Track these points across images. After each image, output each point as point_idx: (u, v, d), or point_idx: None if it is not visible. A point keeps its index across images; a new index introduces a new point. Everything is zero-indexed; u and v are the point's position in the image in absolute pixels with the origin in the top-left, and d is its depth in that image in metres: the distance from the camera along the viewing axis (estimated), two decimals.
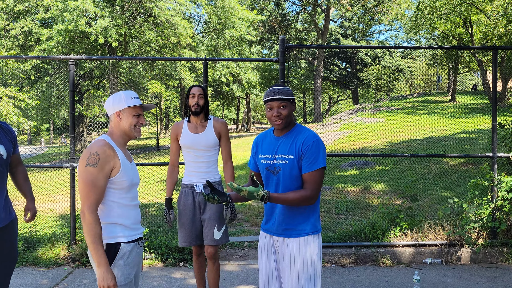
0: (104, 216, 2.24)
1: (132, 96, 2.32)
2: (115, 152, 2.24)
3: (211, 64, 23.64)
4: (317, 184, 2.41)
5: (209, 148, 3.52)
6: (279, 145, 2.51)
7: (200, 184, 3.52)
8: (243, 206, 8.23)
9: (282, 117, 2.44)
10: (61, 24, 17.41)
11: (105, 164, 2.17)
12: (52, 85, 20.28)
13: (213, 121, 3.60)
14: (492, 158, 5.23)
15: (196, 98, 3.50)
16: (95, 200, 2.15)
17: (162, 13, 18.75)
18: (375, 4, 31.03)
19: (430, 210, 6.42)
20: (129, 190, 2.30)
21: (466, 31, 21.95)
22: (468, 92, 27.09)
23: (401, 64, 35.91)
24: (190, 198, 3.53)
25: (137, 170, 2.45)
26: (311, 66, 37.40)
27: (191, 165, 3.55)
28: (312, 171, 2.40)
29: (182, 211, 3.54)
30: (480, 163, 8.90)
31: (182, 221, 3.55)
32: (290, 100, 2.47)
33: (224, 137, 3.61)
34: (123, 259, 2.23)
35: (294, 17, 34.47)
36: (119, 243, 2.23)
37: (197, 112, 3.50)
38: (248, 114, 45.16)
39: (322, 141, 2.47)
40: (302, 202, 2.39)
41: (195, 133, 3.52)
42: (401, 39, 42.15)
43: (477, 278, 4.60)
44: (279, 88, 2.47)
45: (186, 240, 3.56)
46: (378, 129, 13.03)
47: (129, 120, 2.31)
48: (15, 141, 2.95)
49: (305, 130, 2.51)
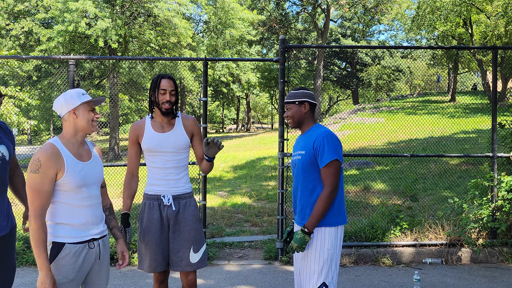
0: (51, 216, 2.27)
1: (82, 93, 2.34)
2: (60, 155, 2.23)
3: (211, 64, 23.65)
4: (333, 176, 2.60)
5: (179, 150, 2.93)
6: (299, 143, 2.83)
7: (169, 195, 2.90)
8: (243, 206, 8.23)
9: (288, 117, 2.81)
10: (61, 24, 17.42)
11: (47, 170, 2.18)
12: (53, 86, 20.28)
13: (182, 119, 3.00)
14: (492, 158, 5.23)
15: (167, 95, 2.87)
16: (40, 206, 2.16)
17: (162, 13, 18.75)
18: (375, 4, 31.01)
19: (430, 210, 6.42)
20: (79, 191, 2.27)
21: (466, 31, 21.95)
22: (468, 92, 27.08)
23: (401, 64, 35.91)
24: (157, 212, 2.89)
25: (96, 168, 2.39)
26: (311, 66, 37.40)
27: (156, 172, 2.93)
28: (325, 164, 2.61)
29: (146, 228, 2.88)
30: (480, 163, 8.89)
31: (146, 240, 2.88)
32: (296, 102, 2.77)
33: (197, 136, 3.05)
34: (65, 259, 2.24)
35: (294, 17, 34.45)
36: (63, 243, 2.25)
37: (168, 112, 2.90)
38: (248, 114, 45.16)
39: (333, 136, 2.67)
40: (328, 202, 2.59)
41: (161, 132, 2.92)
42: (401, 39, 42.16)
43: (477, 278, 4.60)
44: (290, 92, 2.82)
45: (152, 265, 2.87)
46: (378, 129, 13.01)
47: (86, 116, 2.32)
48: (14, 142, 2.87)
49: (319, 128, 2.75)
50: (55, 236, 2.26)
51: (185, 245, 2.90)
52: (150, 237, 2.88)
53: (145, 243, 2.89)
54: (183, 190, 2.95)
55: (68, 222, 2.27)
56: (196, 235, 2.94)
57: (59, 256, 2.24)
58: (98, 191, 2.41)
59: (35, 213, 2.16)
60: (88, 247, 2.32)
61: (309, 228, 2.59)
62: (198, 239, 2.95)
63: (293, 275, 2.90)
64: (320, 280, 2.60)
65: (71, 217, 2.28)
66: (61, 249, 2.24)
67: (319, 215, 2.58)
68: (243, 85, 29.61)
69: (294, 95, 2.79)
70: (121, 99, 23.63)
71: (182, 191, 2.95)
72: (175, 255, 2.90)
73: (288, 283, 4.46)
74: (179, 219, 2.91)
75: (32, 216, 2.16)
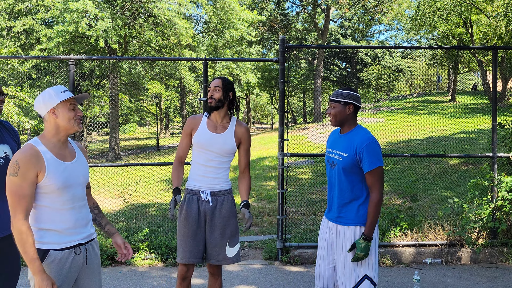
0: (34, 221, 2.16)
1: (62, 90, 2.22)
2: (40, 156, 2.13)
3: (211, 64, 23.64)
4: (379, 182, 2.73)
5: (224, 154, 3.06)
6: (339, 142, 2.86)
7: (207, 191, 3.04)
8: None
9: (331, 115, 2.84)
10: (62, 25, 17.42)
11: (26, 172, 2.07)
12: (53, 85, 20.28)
13: (236, 124, 3.13)
14: (492, 158, 5.23)
15: (211, 91, 3.05)
16: (22, 209, 2.06)
17: (162, 14, 18.75)
18: (375, 4, 31.00)
19: (430, 210, 6.42)
20: (62, 192, 2.17)
21: (466, 31, 21.94)
22: (468, 92, 27.10)
23: (401, 64, 35.90)
24: (195, 206, 3.03)
25: (81, 169, 2.31)
26: (311, 66, 37.39)
27: (199, 168, 3.06)
28: (370, 170, 2.71)
29: (183, 220, 3.03)
30: (480, 163, 8.89)
31: (183, 232, 3.02)
32: (341, 102, 2.80)
33: (244, 145, 3.15)
34: (50, 266, 2.15)
35: (294, 17, 34.44)
36: (48, 249, 2.15)
37: (213, 107, 3.05)
38: (248, 114, 45.15)
39: (376, 142, 2.77)
40: (379, 206, 2.73)
41: (214, 132, 3.05)
42: (401, 39, 42.14)
43: (477, 278, 4.60)
44: (337, 91, 2.86)
45: (185, 256, 3.00)
46: (378, 129, 13.00)
47: (66, 115, 2.20)
48: (19, 142, 2.87)
49: (361, 131, 2.82)
50: (39, 242, 2.15)
51: (221, 240, 3.04)
52: (187, 229, 3.02)
53: (181, 235, 3.04)
54: (221, 187, 3.08)
55: (52, 227, 2.17)
56: (232, 230, 3.09)
57: (43, 263, 2.13)
58: (83, 192, 2.31)
59: (17, 217, 2.05)
60: (74, 253, 2.22)
61: (370, 235, 2.73)
62: (234, 235, 3.11)
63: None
64: (362, 273, 2.76)
65: (55, 221, 2.17)
66: (45, 256, 2.14)
67: (375, 219, 2.73)
68: (243, 86, 29.60)
69: (341, 95, 2.82)
70: (121, 99, 23.63)
71: (221, 188, 3.08)
72: (212, 249, 3.04)
73: (288, 283, 4.46)
74: (215, 214, 3.05)
75: (14, 221, 2.05)
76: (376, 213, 2.72)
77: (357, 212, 2.78)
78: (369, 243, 2.72)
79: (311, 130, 18.00)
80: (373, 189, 2.74)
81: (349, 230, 2.79)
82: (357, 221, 2.78)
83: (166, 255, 5.08)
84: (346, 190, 2.80)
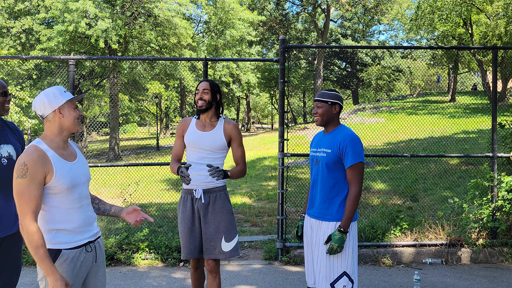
0: (45, 223, 2.16)
1: (64, 90, 2.25)
2: (47, 157, 2.13)
3: (211, 64, 23.64)
4: (359, 177, 2.82)
5: (215, 150, 3.20)
6: (323, 141, 2.95)
7: (199, 189, 3.18)
8: (243, 206, 8.23)
9: (317, 115, 2.92)
10: (62, 24, 17.41)
11: (35, 173, 2.07)
12: (53, 85, 20.29)
13: (224, 122, 3.29)
14: (492, 158, 5.23)
15: (200, 94, 3.21)
16: (31, 211, 2.05)
17: (162, 14, 18.75)
18: (375, 4, 31.00)
19: (430, 210, 6.42)
20: (70, 192, 2.19)
21: (466, 31, 21.94)
22: (468, 92, 27.09)
23: (401, 64, 35.89)
24: (189, 204, 3.21)
25: (83, 167, 2.32)
26: (311, 66, 37.39)
27: (194, 168, 3.21)
28: (351, 165, 2.79)
29: (180, 219, 3.24)
30: (480, 163, 8.89)
31: (181, 229, 3.25)
32: (328, 102, 2.90)
33: (236, 140, 3.29)
34: (63, 265, 2.16)
35: (294, 17, 34.45)
36: (60, 249, 2.16)
37: (203, 109, 3.21)
38: (248, 114, 45.16)
39: (358, 139, 2.85)
40: (357, 200, 2.80)
41: (202, 131, 3.23)
42: (401, 39, 42.14)
43: (477, 278, 4.60)
44: (322, 92, 2.95)
45: (184, 252, 3.24)
46: (378, 129, 13.01)
47: (71, 114, 2.23)
48: (23, 142, 2.86)
49: (345, 129, 2.91)
50: (51, 242, 2.16)
51: (216, 235, 3.17)
52: (183, 227, 3.21)
53: (180, 233, 3.26)
54: (214, 185, 3.21)
55: (63, 227, 2.18)
56: (226, 225, 3.20)
57: (56, 263, 2.14)
58: (87, 190, 2.33)
59: (27, 219, 2.04)
60: (85, 251, 2.25)
61: (345, 228, 2.78)
62: (229, 230, 3.21)
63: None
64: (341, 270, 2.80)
65: (65, 221, 2.18)
66: (58, 255, 2.15)
67: (352, 213, 2.79)
68: (243, 86, 29.62)
69: (328, 95, 2.92)
70: (121, 99, 23.63)
71: (213, 185, 3.21)
72: (208, 243, 3.19)
73: (288, 283, 4.46)
74: (209, 210, 3.19)
75: (23, 223, 2.04)
76: (353, 207, 2.79)
77: (339, 209, 2.85)
78: (344, 235, 2.76)
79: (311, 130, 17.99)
80: (353, 183, 2.82)
81: (330, 225, 2.86)
82: (338, 217, 2.85)
83: (166, 255, 5.08)
84: (328, 187, 2.87)
